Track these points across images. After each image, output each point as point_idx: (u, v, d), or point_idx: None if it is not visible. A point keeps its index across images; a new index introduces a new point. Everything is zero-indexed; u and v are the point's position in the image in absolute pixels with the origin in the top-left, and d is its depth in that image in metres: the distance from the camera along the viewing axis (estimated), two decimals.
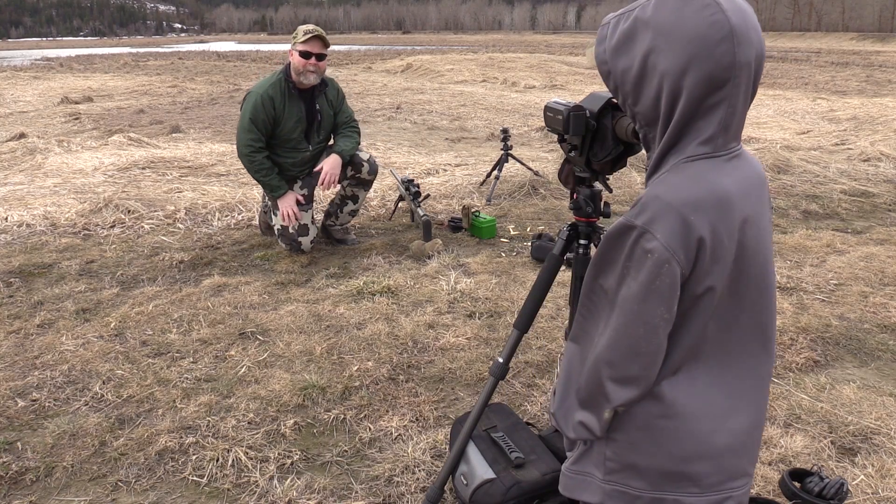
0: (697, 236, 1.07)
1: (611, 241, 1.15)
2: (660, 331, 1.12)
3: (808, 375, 2.59)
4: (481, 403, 1.78)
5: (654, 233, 1.07)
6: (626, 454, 1.21)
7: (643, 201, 1.11)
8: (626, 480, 1.22)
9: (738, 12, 1.05)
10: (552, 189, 5.45)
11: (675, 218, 1.07)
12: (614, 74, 1.17)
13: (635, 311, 1.12)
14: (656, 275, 1.08)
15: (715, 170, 1.11)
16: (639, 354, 1.13)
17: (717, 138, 1.10)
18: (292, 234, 3.87)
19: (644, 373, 1.14)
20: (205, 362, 2.72)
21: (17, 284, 3.54)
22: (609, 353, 1.17)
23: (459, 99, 13.12)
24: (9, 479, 2.03)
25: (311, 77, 3.67)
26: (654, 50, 1.09)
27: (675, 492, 1.19)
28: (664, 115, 1.12)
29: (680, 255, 1.07)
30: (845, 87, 15.70)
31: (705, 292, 1.12)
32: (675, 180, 1.11)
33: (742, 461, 1.23)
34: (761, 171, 1.20)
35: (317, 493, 1.96)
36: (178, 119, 10.34)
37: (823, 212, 4.94)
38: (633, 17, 1.12)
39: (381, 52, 37.59)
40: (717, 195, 1.09)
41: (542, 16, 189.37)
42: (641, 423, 1.19)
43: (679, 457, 1.18)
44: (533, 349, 2.80)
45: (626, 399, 1.17)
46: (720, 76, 1.05)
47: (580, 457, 1.30)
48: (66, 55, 41.17)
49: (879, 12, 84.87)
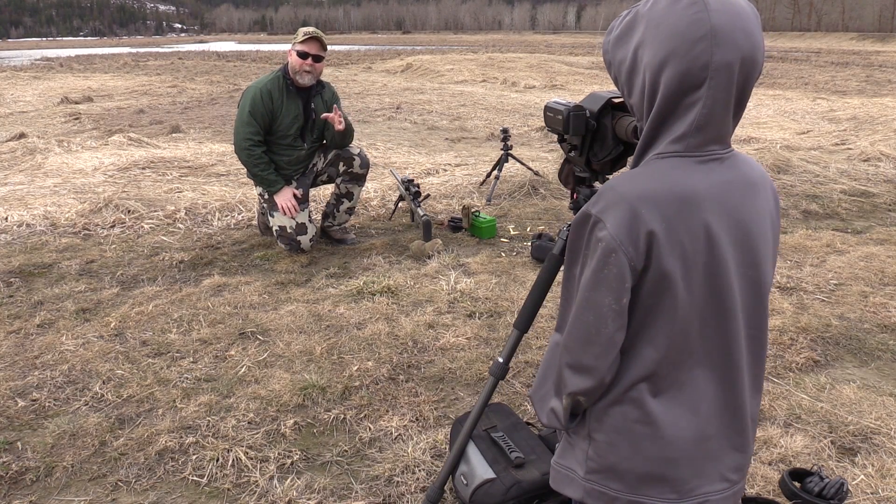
0: (647, 230, 1.07)
1: (574, 229, 1.17)
2: (608, 321, 1.12)
3: (808, 375, 2.59)
4: (481, 403, 1.78)
5: (605, 222, 1.09)
6: (606, 455, 1.22)
7: (601, 190, 1.13)
8: (605, 481, 1.23)
9: (725, 13, 1.04)
10: (552, 189, 5.45)
11: (625, 209, 1.08)
12: (614, 65, 1.19)
13: (587, 299, 1.14)
14: (605, 263, 1.09)
15: (681, 168, 1.10)
16: (589, 343, 1.15)
17: (688, 138, 1.09)
18: (291, 234, 3.87)
19: (595, 363, 1.15)
20: (205, 362, 2.72)
21: (17, 284, 3.54)
22: (567, 339, 1.20)
23: (459, 99, 13.12)
24: (9, 479, 2.03)
25: (307, 77, 3.73)
26: (642, 43, 1.11)
27: (653, 496, 1.20)
28: (646, 109, 1.13)
29: (627, 246, 1.07)
30: (845, 87, 15.71)
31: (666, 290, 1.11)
32: (636, 173, 1.13)
33: (720, 466, 1.22)
34: (754, 176, 1.17)
35: (317, 493, 1.96)
36: (178, 119, 10.34)
37: (823, 212, 4.94)
38: (636, 10, 1.15)
39: (380, 52, 37.60)
40: (675, 192, 1.08)
41: (542, 16, 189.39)
42: (620, 426, 1.19)
43: (656, 461, 1.18)
44: (533, 349, 2.80)
45: (579, 387, 1.18)
46: (696, 75, 1.05)
47: (564, 452, 1.31)
48: (66, 55, 41.17)
49: (879, 12, 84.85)
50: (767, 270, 1.19)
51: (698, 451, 1.19)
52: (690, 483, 1.20)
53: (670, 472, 1.19)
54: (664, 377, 1.17)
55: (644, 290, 1.12)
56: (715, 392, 1.19)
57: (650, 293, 1.12)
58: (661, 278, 1.10)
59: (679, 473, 1.19)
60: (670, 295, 1.11)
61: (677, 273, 1.09)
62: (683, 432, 1.18)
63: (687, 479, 1.19)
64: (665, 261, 1.08)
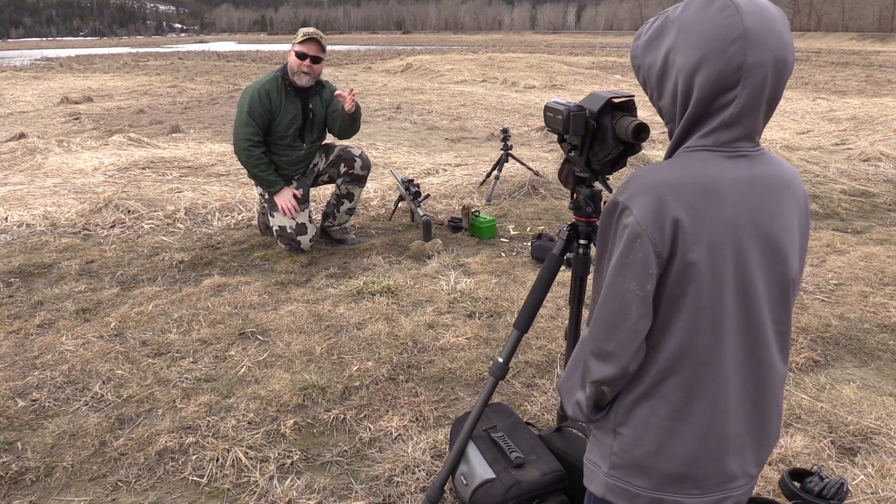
0: (673, 217, 1.08)
1: (603, 217, 1.20)
2: (632, 307, 1.13)
3: (808, 375, 2.59)
4: (481, 403, 1.78)
5: (631, 208, 1.11)
6: (631, 450, 1.21)
7: (628, 179, 1.16)
8: (629, 477, 1.22)
9: (757, 16, 1.07)
10: (552, 189, 5.45)
11: (651, 196, 1.10)
12: (643, 69, 1.21)
13: (611, 285, 1.16)
14: (630, 249, 1.11)
15: (708, 161, 1.13)
16: (613, 329, 1.16)
17: (718, 132, 1.12)
18: (290, 234, 3.88)
19: (619, 349, 1.16)
20: (205, 362, 2.72)
21: (17, 284, 3.54)
22: (592, 326, 1.21)
23: (459, 99, 13.12)
24: (9, 479, 2.03)
25: (305, 78, 3.73)
26: (674, 47, 1.13)
27: (675, 493, 1.19)
28: (679, 111, 1.15)
29: (652, 232, 1.09)
30: (845, 87, 15.71)
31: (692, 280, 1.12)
32: (664, 164, 1.16)
33: (743, 462, 1.22)
34: (783, 174, 1.19)
35: (317, 493, 1.96)
36: (178, 119, 10.34)
37: (823, 212, 4.94)
38: (666, 16, 1.17)
39: (380, 52, 37.61)
40: (700, 182, 1.11)
41: (542, 16, 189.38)
42: (647, 421, 1.19)
43: (682, 457, 1.18)
44: (533, 349, 2.80)
45: (603, 375, 1.19)
46: (729, 77, 1.07)
47: (592, 447, 1.32)
48: (65, 55, 41.18)
49: (879, 12, 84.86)
50: (794, 267, 1.20)
51: (724, 447, 1.19)
52: (713, 479, 1.20)
53: (695, 469, 1.19)
54: (691, 371, 1.17)
55: (670, 279, 1.13)
56: (742, 388, 1.20)
57: (676, 283, 1.13)
58: (687, 268, 1.11)
59: (703, 470, 1.19)
60: (696, 286, 1.12)
61: (703, 263, 1.11)
62: (710, 429, 1.18)
63: (710, 476, 1.20)
64: (691, 250, 1.10)
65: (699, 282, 1.12)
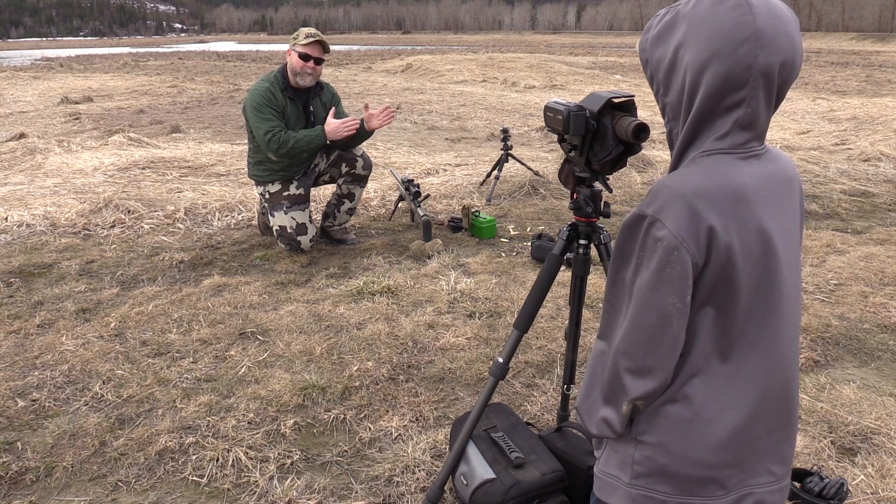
0: (707, 225, 1.07)
1: (625, 231, 1.16)
2: (673, 320, 1.11)
3: (808, 375, 2.59)
4: (481, 403, 1.78)
5: (663, 221, 1.08)
6: (655, 457, 1.19)
7: (654, 190, 1.13)
8: (653, 485, 1.20)
9: (769, 17, 1.06)
10: (552, 189, 5.45)
11: (683, 206, 1.08)
12: (651, 64, 1.20)
13: (647, 300, 1.13)
14: (666, 262, 1.09)
15: (729, 164, 1.12)
16: (653, 344, 1.13)
17: (732, 135, 1.12)
18: (291, 234, 3.88)
19: (660, 363, 1.14)
20: (205, 362, 2.72)
21: (17, 284, 3.54)
22: (625, 344, 1.17)
23: (459, 99, 13.12)
24: (9, 479, 2.03)
25: (308, 79, 3.74)
26: (683, 43, 1.12)
27: (701, 496, 1.19)
28: (685, 108, 1.14)
29: (689, 243, 1.07)
30: (845, 87, 15.71)
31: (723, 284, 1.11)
32: (686, 171, 1.14)
33: (766, 461, 1.22)
34: (790, 171, 1.20)
35: (317, 493, 1.96)
36: (178, 119, 10.34)
37: (823, 212, 4.94)
38: (677, 10, 1.16)
39: (380, 52, 37.60)
40: (728, 187, 1.10)
41: (542, 16, 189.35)
42: (672, 426, 1.18)
43: (710, 462, 1.17)
44: (533, 349, 2.80)
45: (643, 391, 1.16)
46: (738, 76, 1.07)
47: (608, 458, 1.29)
48: (65, 55, 41.17)
49: (879, 12, 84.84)
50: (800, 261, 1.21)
51: (749, 448, 1.19)
52: (736, 478, 1.20)
53: (719, 471, 1.18)
54: (718, 373, 1.17)
55: (702, 285, 1.12)
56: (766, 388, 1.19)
57: (707, 288, 1.12)
58: (720, 273, 1.10)
59: (728, 471, 1.18)
60: (727, 289, 1.12)
61: (735, 267, 1.10)
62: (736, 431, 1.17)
63: (734, 475, 1.19)
64: (723, 255, 1.09)
65: (731, 285, 1.11)
